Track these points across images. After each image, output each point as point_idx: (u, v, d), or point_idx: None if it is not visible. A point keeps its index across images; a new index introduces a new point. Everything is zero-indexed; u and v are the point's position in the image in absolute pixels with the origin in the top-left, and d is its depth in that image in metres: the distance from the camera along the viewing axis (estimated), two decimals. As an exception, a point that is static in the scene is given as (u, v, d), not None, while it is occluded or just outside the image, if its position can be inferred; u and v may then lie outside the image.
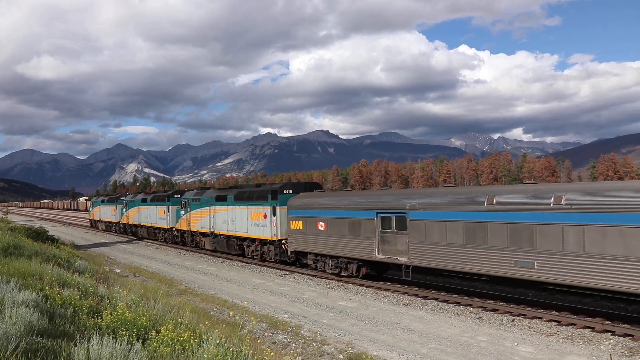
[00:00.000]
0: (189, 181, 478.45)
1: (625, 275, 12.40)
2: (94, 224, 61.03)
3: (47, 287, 10.23)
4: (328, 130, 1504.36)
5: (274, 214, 25.43)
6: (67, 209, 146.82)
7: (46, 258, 17.02)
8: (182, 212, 36.41)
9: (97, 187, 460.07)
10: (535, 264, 14.24)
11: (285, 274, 23.99)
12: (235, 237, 29.32)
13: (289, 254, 24.72)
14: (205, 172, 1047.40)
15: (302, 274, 23.67)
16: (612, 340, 12.47)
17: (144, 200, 44.12)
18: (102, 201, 58.05)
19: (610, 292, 13.79)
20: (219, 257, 30.84)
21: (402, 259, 18.32)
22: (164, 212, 39.78)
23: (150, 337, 7.76)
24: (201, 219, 33.41)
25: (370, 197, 21.00)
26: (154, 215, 41.64)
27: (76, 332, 7.32)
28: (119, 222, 50.92)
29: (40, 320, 7.27)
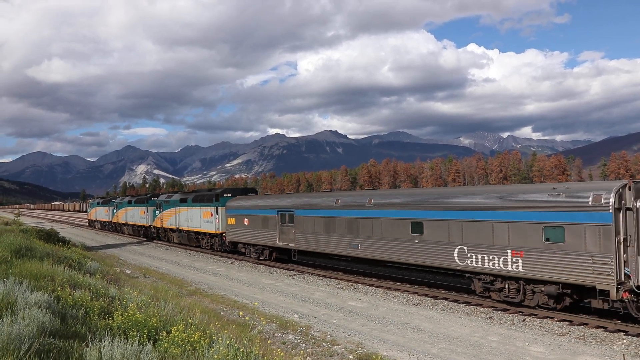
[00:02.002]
0: (198, 182, 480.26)
1: (401, 251, 18.79)
2: (91, 224, 67.65)
3: (58, 289, 10.32)
4: (336, 131, 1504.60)
5: (217, 213, 32.16)
6: (78, 211, 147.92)
7: (57, 259, 17.17)
8: (157, 212, 42.57)
9: (107, 189, 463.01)
10: (359, 245, 20.73)
11: (294, 275, 24.02)
12: (193, 231, 35.89)
13: (227, 243, 31.27)
14: (214, 173, 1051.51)
15: (312, 274, 23.70)
16: (625, 340, 12.35)
17: (129, 202, 50.92)
18: (98, 203, 65.71)
19: (396, 263, 21.32)
20: (228, 257, 30.99)
21: (291, 245, 25.02)
22: (144, 212, 45.86)
23: (161, 337, 7.81)
24: (170, 218, 39.68)
25: (274, 199, 28.15)
26: (137, 215, 48.01)
27: (88, 332, 7.37)
28: (110, 221, 57.62)
29: (53, 321, 7.33)
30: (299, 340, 12.84)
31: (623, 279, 13.05)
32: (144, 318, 8.44)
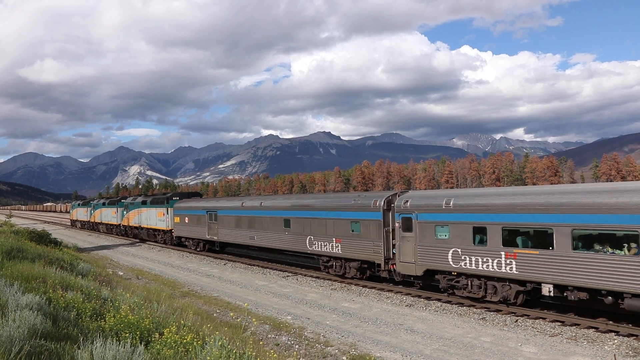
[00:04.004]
0: (191, 183, 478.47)
1: (279, 240, 25.39)
2: (73, 223, 73.06)
3: (50, 290, 10.25)
4: (330, 132, 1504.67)
5: (167, 213, 38.78)
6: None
7: (49, 261, 17.05)
8: (124, 212, 48.88)
9: (99, 190, 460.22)
10: (255, 237, 27.32)
11: (288, 276, 24.00)
12: (152, 228, 42.35)
13: (174, 238, 37.62)
14: (207, 174, 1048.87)
15: (305, 275, 23.69)
16: (616, 341, 12.43)
17: (103, 204, 57.51)
18: (78, 205, 71.49)
19: (276, 249, 27.04)
20: (221, 259, 30.91)
21: (215, 238, 31.62)
22: (115, 213, 52.08)
23: (153, 339, 7.77)
24: (135, 217, 45.94)
25: (205, 202, 35.46)
26: (109, 215, 54.33)
27: (79, 334, 7.32)
28: (89, 220, 63.25)
29: (44, 323, 7.28)
30: (292, 342, 12.82)
31: (391, 256, 19.18)
32: (137, 320, 8.40)
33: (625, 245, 12.66)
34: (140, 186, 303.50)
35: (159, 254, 35.30)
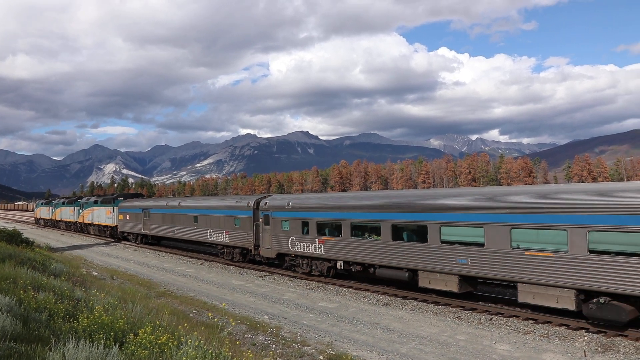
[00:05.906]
0: (167, 182, 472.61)
1: (190, 233, 31.28)
2: (37, 221, 77.77)
3: (21, 291, 10.02)
4: (308, 131, 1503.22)
5: (114, 211, 44.07)
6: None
7: (20, 261, 16.67)
8: (80, 210, 54.14)
9: (73, 189, 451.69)
10: (175, 231, 33.07)
11: (265, 275, 23.92)
12: (102, 225, 47.84)
13: (119, 233, 42.88)
14: (184, 173, 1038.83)
15: (282, 275, 23.65)
16: (586, 337, 12.73)
17: (63, 203, 62.61)
18: (42, 203, 77.36)
19: (188, 240, 32.73)
20: (198, 258, 30.65)
21: (147, 232, 37.26)
22: (73, 211, 57.19)
23: (128, 340, 7.66)
24: (88, 215, 51.29)
25: (141, 202, 41.08)
26: (68, 213, 59.44)
27: (51, 336, 7.18)
28: (51, 218, 67.67)
29: (14, 325, 7.12)
30: (269, 342, 12.78)
31: (259, 244, 24.46)
32: (111, 320, 8.27)
33: (378, 233, 18.24)
34: (115, 185, 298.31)
35: (134, 254, 34.82)
